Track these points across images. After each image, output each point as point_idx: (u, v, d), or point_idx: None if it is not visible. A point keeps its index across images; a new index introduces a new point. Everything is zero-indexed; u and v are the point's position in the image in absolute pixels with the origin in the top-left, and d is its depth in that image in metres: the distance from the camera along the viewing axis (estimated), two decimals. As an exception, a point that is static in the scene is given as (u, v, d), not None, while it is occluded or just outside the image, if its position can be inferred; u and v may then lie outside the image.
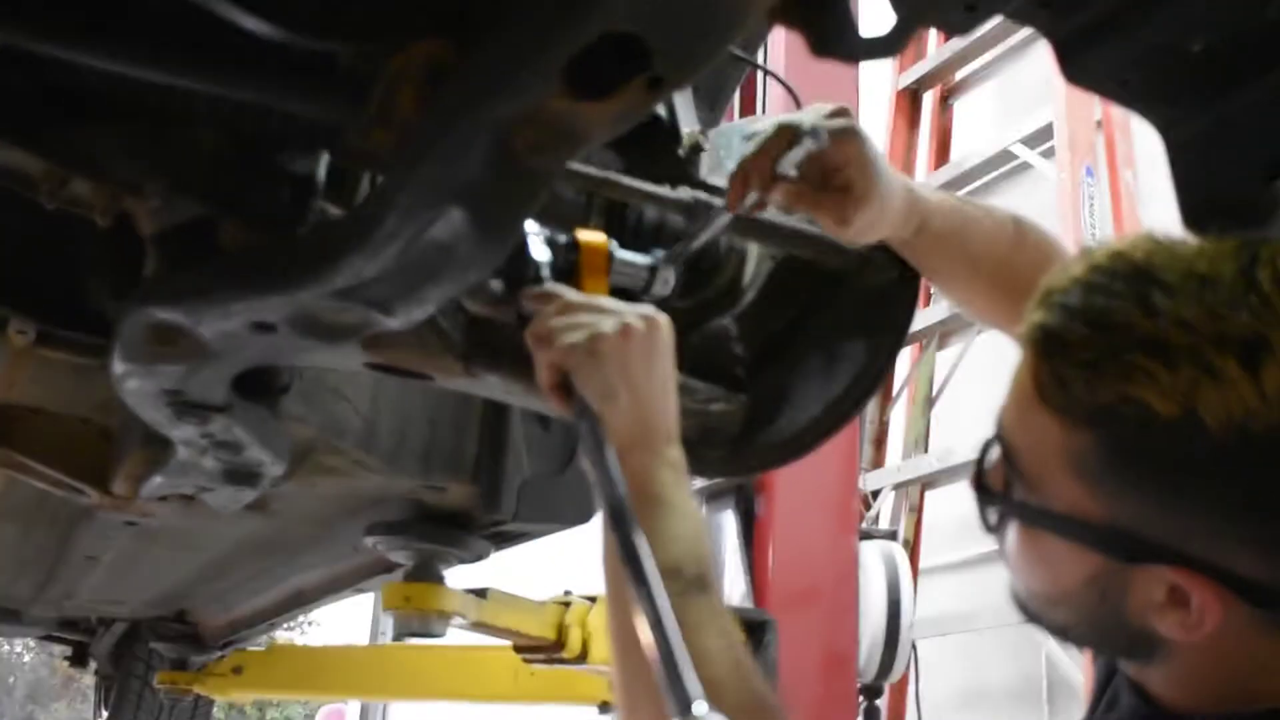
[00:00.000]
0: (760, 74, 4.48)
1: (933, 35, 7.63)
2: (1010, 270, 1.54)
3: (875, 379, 1.81)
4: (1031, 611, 1.18)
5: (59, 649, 6.10)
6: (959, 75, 8.02)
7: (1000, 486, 1.14)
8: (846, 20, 1.13)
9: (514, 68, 1.04)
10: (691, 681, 0.96)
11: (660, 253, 1.62)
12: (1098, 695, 1.28)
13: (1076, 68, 1.25)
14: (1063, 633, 1.17)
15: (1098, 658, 1.32)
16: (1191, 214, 1.30)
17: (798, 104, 1.88)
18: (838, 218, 1.50)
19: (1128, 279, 1.02)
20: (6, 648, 15.43)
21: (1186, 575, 1.01)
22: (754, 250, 1.89)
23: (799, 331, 1.87)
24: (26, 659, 16.24)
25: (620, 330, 1.32)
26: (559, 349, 1.33)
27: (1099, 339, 1.01)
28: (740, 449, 1.87)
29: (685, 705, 0.94)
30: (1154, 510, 1.01)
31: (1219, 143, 1.26)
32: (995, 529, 1.17)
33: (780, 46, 4.69)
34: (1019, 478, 1.11)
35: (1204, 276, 1.01)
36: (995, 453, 1.15)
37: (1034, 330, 1.07)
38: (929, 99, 8.13)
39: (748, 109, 4.81)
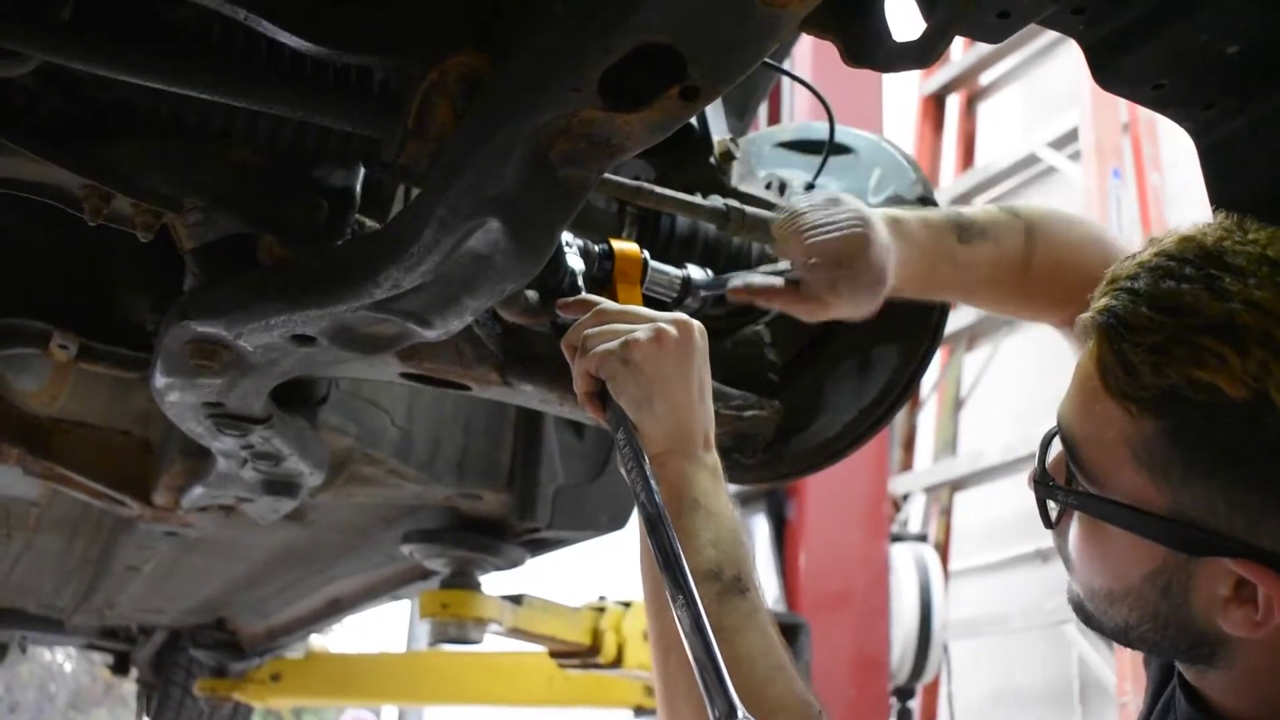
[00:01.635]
0: (785, 82, 4.48)
1: (957, 40, 7.60)
2: (1024, 290, 1.53)
3: (909, 383, 1.80)
4: (1090, 613, 1.15)
5: (100, 657, 6.15)
6: (984, 80, 8.00)
7: (1061, 480, 1.12)
8: (879, 30, 1.14)
9: (549, 79, 1.05)
10: (730, 687, 0.96)
11: (694, 267, 1.63)
12: (1152, 700, 1.25)
13: (1109, 74, 1.24)
14: (1123, 634, 1.13)
15: (1153, 659, 1.28)
16: (1224, 217, 1.29)
17: (828, 111, 1.87)
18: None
19: (1196, 263, 1.02)
20: (48, 656, 15.51)
21: (1253, 568, 0.99)
22: (786, 256, 1.89)
23: (832, 337, 1.87)
24: (68, 668, 16.35)
25: (653, 337, 1.31)
26: (593, 357, 1.32)
27: (1167, 322, 0.99)
28: (775, 455, 1.87)
29: (727, 711, 0.94)
30: (1220, 499, 0.99)
31: (1252, 145, 1.25)
32: (1056, 524, 1.15)
33: (807, 54, 4.71)
34: (1081, 470, 1.09)
35: (1276, 261, 1.00)
36: (1056, 446, 1.13)
37: (1099, 316, 1.05)
38: (954, 103, 8.11)
39: (774, 117, 4.81)
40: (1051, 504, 1.15)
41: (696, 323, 1.37)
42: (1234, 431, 0.97)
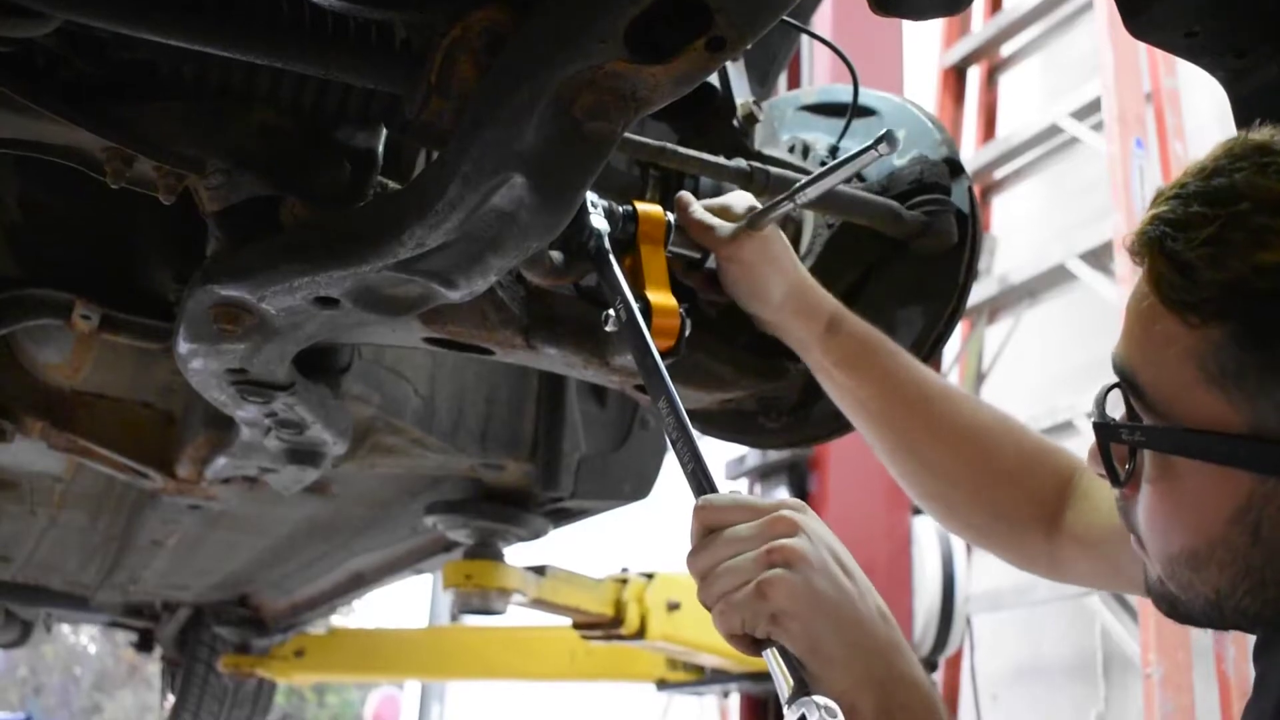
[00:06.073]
0: (805, 48, 4.45)
1: (978, 11, 7.53)
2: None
3: (934, 346, 1.79)
4: (1174, 597, 1.04)
5: (123, 638, 6.18)
6: (1005, 51, 7.93)
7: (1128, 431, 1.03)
8: (911, -25, 1.12)
9: (575, 31, 1.03)
10: None
11: None
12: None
13: (1142, 22, 1.22)
14: (1217, 611, 1.00)
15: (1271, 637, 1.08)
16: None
17: (852, 72, 1.86)
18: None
19: (1246, 156, 0.95)
20: (73, 639, 15.69)
21: None
22: (810, 219, 1.88)
23: (857, 299, 1.85)
24: (92, 649, 16.52)
25: (784, 563, 1.04)
26: (733, 612, 1.05)
27: (1220, 213, 0.92)
28: (800, 419, 1.86)
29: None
30: None
31: (1288, 94, 1.24)
32: (1127, 481, 1.04)
33: (826, 22, 4.68)
34: (1146, 406, 1.00)
35: None
36: (1116, 395, 1.05)
37: (1148, 229, 0.98)
38: (974, 75, 8.04)
39: (793, 83, 4.79)
40: (1116, 453, 1.05)
41: (803, 506, 1.12)
42: None
